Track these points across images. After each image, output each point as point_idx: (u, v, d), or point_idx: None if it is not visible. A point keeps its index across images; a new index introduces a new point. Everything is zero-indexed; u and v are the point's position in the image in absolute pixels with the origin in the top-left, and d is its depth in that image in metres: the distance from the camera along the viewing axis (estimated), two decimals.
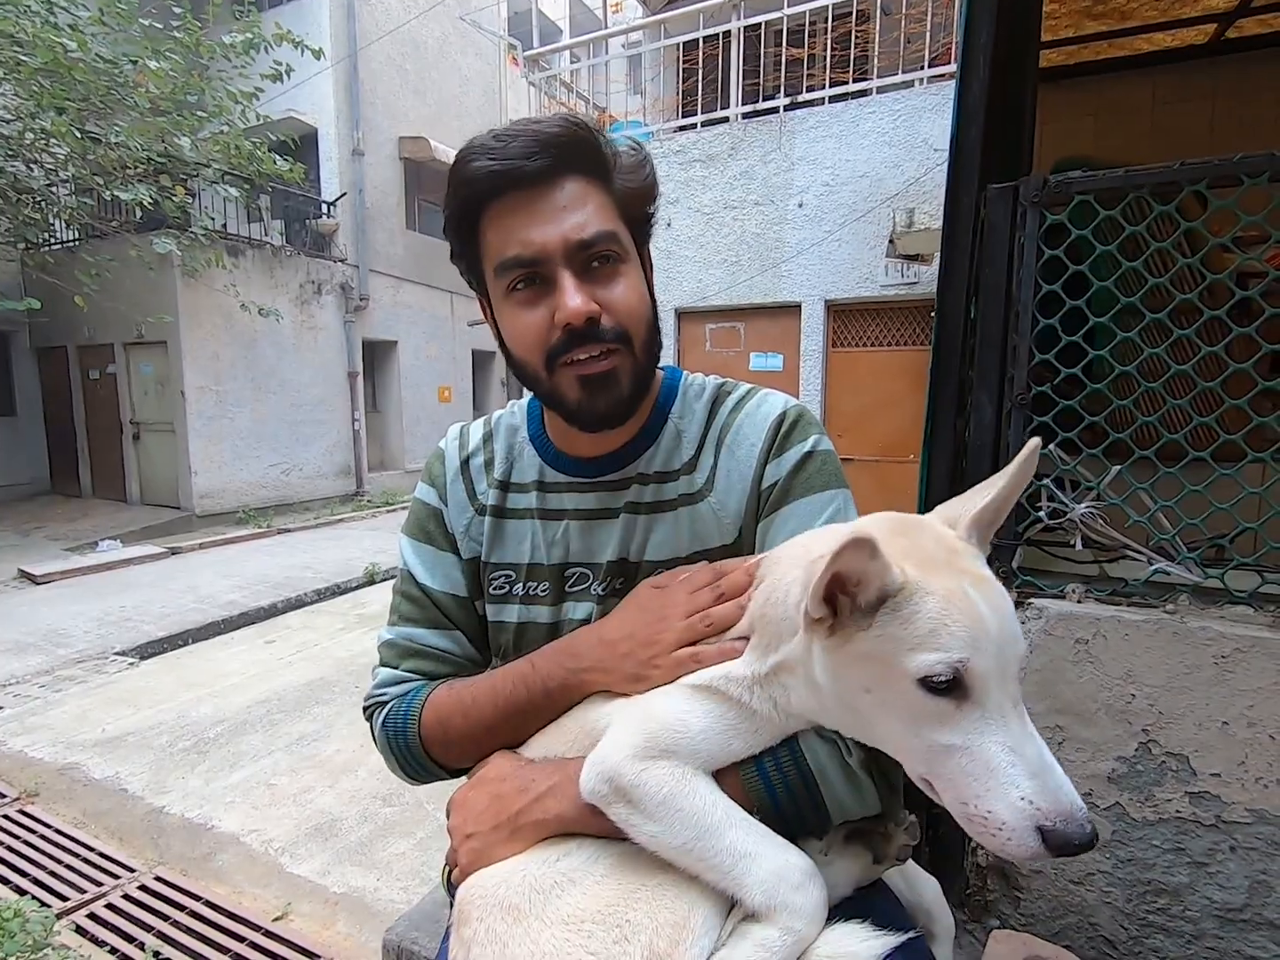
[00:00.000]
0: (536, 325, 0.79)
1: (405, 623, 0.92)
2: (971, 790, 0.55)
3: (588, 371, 0.79)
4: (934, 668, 0.54)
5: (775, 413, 0.86)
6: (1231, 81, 3.04)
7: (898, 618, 0.56)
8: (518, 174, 0.76)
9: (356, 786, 3.16)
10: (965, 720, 0.56)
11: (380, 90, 10.96)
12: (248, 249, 9.33)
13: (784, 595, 0.68)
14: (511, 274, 0.79)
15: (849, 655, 0.59)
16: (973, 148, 1.22)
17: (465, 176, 0.77)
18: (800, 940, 0.63)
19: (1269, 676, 1.13)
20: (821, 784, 0.69)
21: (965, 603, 0.56)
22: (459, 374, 13.02)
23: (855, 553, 0.53)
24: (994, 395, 1.29)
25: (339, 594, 6.38)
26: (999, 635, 0.56)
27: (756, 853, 0.65)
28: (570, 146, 0.77)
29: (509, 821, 0.75)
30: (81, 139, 6.58)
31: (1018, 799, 0.53)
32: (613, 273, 0.80)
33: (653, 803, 0.66)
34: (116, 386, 9.54)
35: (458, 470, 0.94)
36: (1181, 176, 1.10)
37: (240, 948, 2.17)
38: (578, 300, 0.76)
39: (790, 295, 6.52)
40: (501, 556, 0.91)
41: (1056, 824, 0.52)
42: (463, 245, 0.83)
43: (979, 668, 0.55)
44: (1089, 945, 1.32)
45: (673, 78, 7.73)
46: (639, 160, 0.84)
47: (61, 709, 3.94)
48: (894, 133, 5.93)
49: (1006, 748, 0.55)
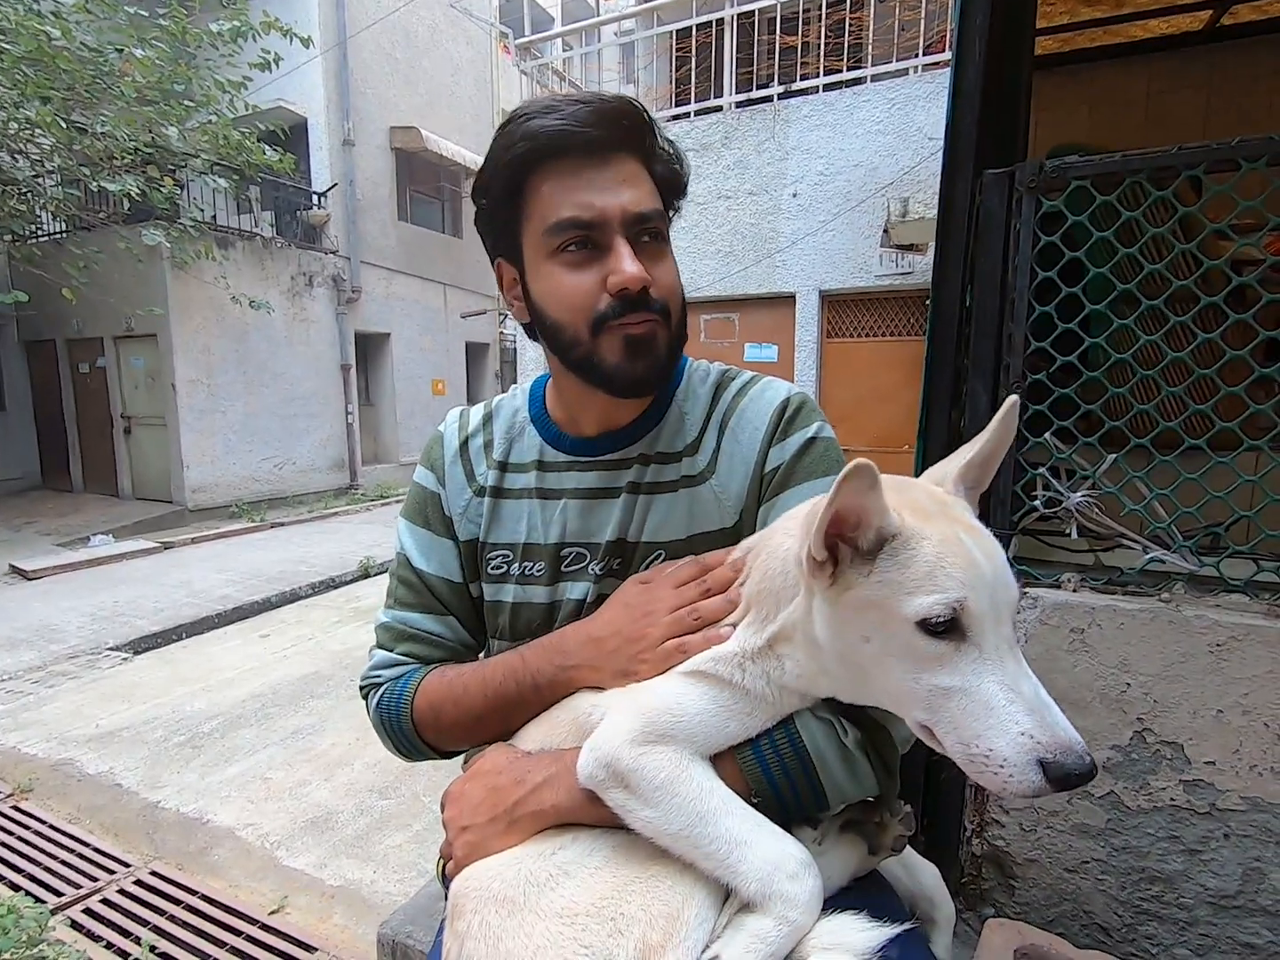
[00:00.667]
0: (586, 287, 0.79)
1: (400, 606, 0.93)
2: (972, 730, 0.56)
3: (634, 332, 0.80)
4: (932, 609, 0.56)
5: (779, 399, 0.87)
6: (1227, 69, 3.02)
7: (896, 562, 0.58)
8: (582, 138, 0.77)
9: (352, 779, 3.16)
10: (963, 661, 0.57)
11: (370, 79, 10.84)
12: (238, 241, 9.24)
13: (781, 560, 0.69)
14: (566, 234, 0.79)
15: (849, 604, 0.60)
16: (968, 132, 1.20)
17: (525, 133, 0.78)
18: (796, 930, 0.63)
19: (1264, 664, 1.14)
20: (818, 764, 0.69)
21: (959, 547, 0.57)
22: (453, 367, 12.95)
23: (857, 480, 0.54)
24: (989, 384, 1.29)
25: (333, 588, 6.36)
26: (992, 578, 0.58)
27: (752, 840, 0.65)
28: (631, 125, 0.79)
29: (506, 813, 0.75)
30: (67, 129, 6.49)
31: (1018, 734, 0.54)
32: (659, 251, 0.83)
33: (649, 788, 0.66)
34: (107, 380, 9.46)
35: (456, 452, 0.95)
36: (1179, 161, 1.09)
37: (237, 941, 2.17)
38: (635, 268, 0.77)
39: (785, 286, 6.50)
40: (499, 537, 0.92)
41: (1056, 756, 0.53)
42: (500, 204, 0.83)
43: (975, 609, 0.56)
44: (1083, 933, 1.32)
45: (666, 66, 7.68)
46: (677, 153, 0.88)
47: (55, 705, 3.92)
48: (888, 121, 5.90)
49: (1004, 686, 0.56)
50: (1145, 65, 3.15)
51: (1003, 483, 1.30)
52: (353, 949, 2.15)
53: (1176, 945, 1.26)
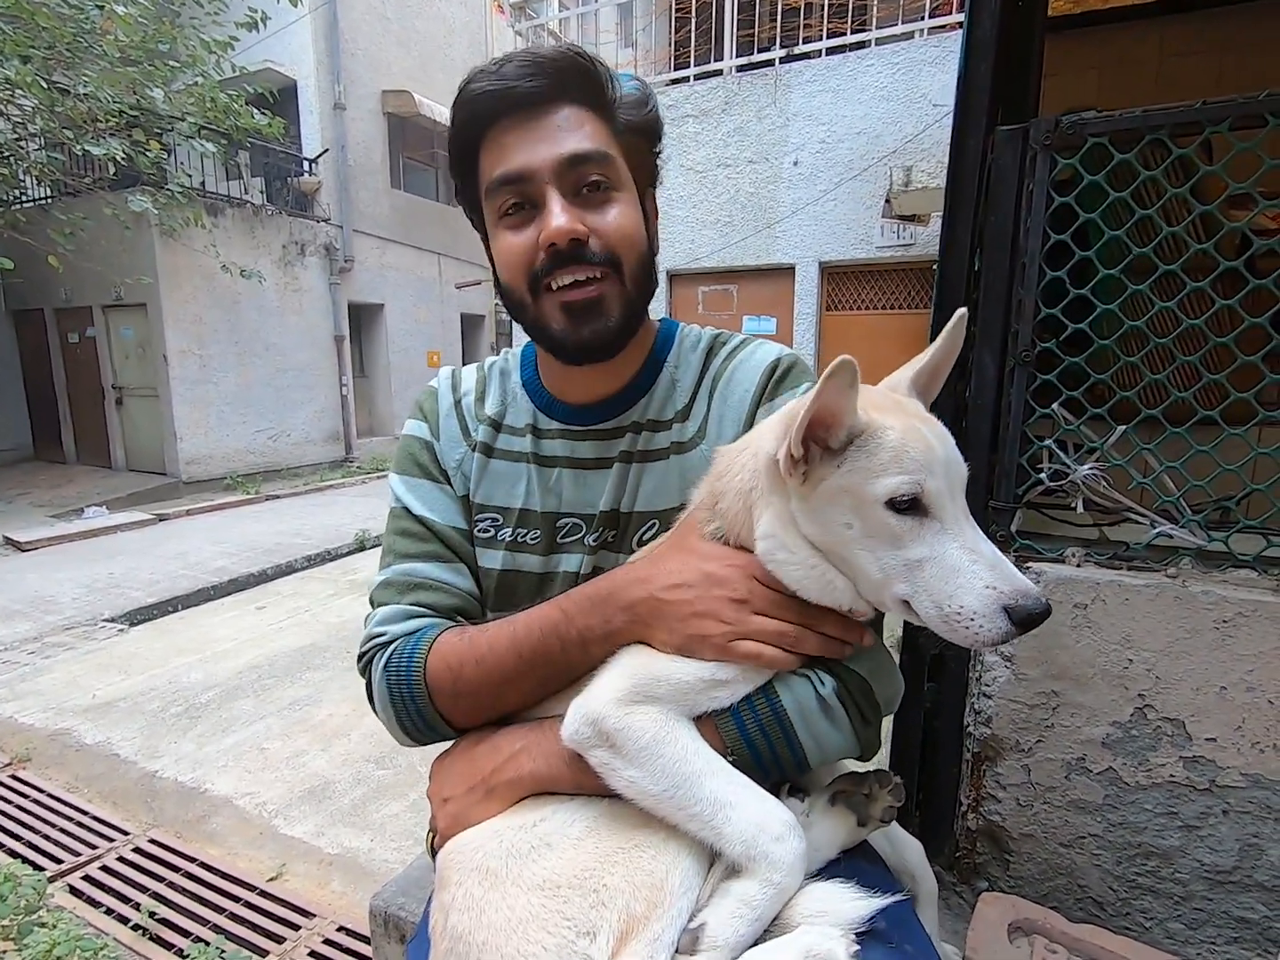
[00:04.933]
0: (522, 247, 0.77)
1: (403, 559, 0.85)
2: (944, 592, 0.62)
3: (572, 298, 0.77)
4: (899, 488, 0.62)
5: (769, 359, 0.85)
6: (1240, 33, 2.93)
7: (864, 452, 0.64)
8: (514, 95, 0.74)
9: (349, 750, 3.17)
10: (929, 534, 0.63)
11: (361, 40, 10.53)
12: (227, 208, 9.05)
13: (742, 479, 0.72)
14: (500, 195, 0.77)
15: (823, 495, 0.66)
16: (982, 85, 1.14)
17: (463, 99, 0.77)
18: (781, 892, 0.63)
19: (1270, 641, 1.12)
20: (794, 716, 0.69)
21: (917, 434, 0.64)
22: (448, 338, 12.80)
23: (839, 379, 0.60)
24: (997, 352, 1.25)
25: (329, 560, 6.35)
26: (945, 458, 0.65)
27: (736, 802, 0.65)
28: (568, 71, 0.75)
29: (483, 783, 0.74)
30: (48, 90, 6.30)
31: (983, 588, 0.61)
32: (605, 199, 0.78)
33: (635, 747, 0.66)
34: (97, 350, 9.34)
35: (451, 406, 0.92)
36: (1204, 116, 1.03)
37: (235, 907, 2.18)
38: (563, 219, 0.74)
39: (784, 257, 6.40)
40: (488, 498, 0.89)
41: (1018, 600, 0.60)
42: (463, 178, 0.82)
43: (933, 487, 0.63)
44: (1077, 907, 1.33)
45: (665, 28, 7.46)
46: (641, 97, 0.82)
47: (51, 675, 3.92)
48: (892, 87, 5.76)
49: (966, 549, 0.63)
50: (1157, 28, 3.06)
51: (1008, 455, 1.27)
52: (350, 915, 2.17)
53: (1170, 919, 1.26)
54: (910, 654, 1.43)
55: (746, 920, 0.61)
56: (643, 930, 0.60)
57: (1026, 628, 0.61)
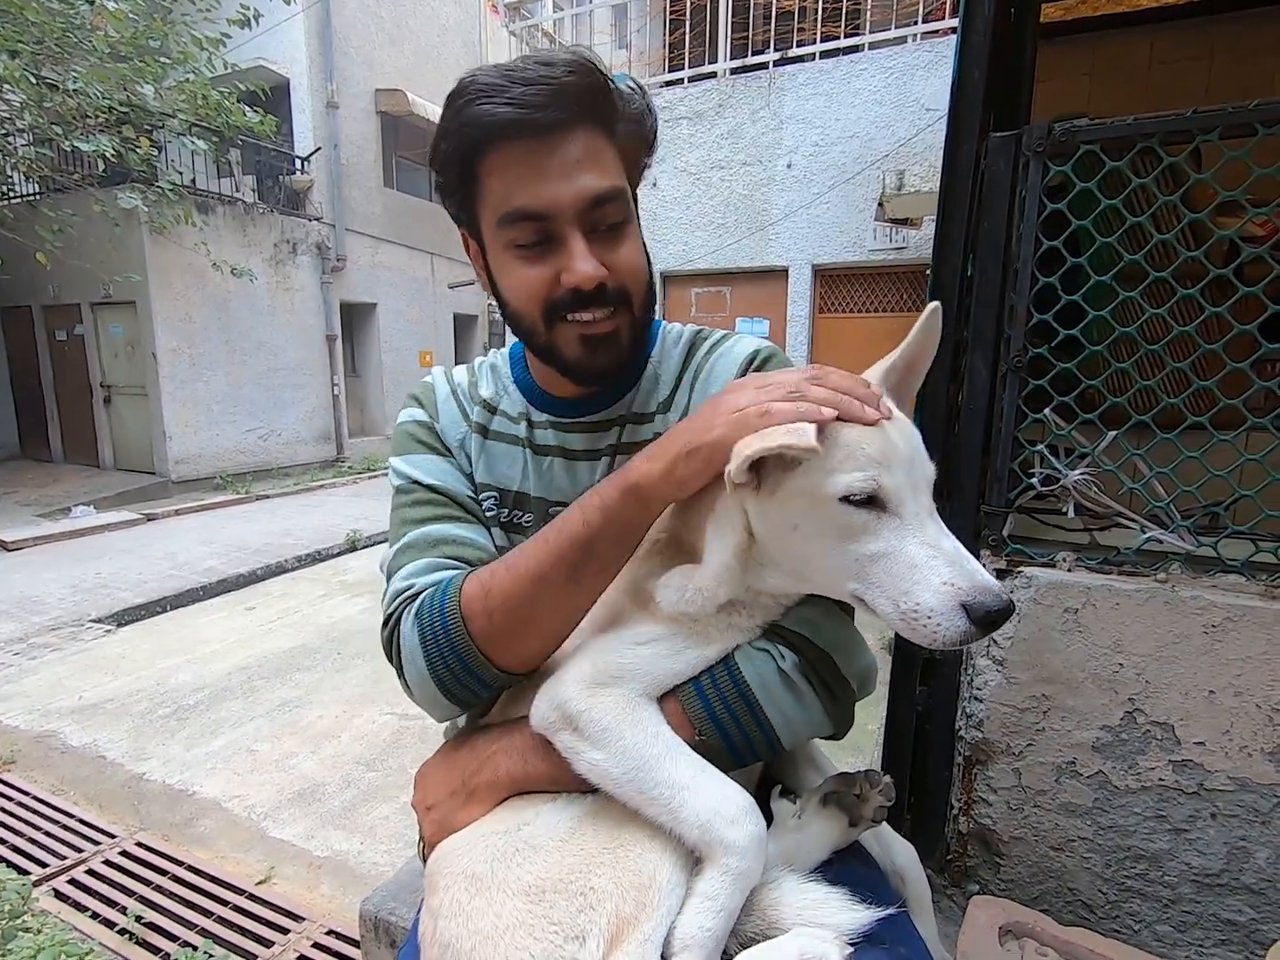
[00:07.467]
0: (540, 280, 0.77)
1: (419, 525, 0.82)
2: (900, 587, 0.60)
3: (592, 332, 0.79)
4: (851, 486, 0.60)
5: (748, 351, 0.87)
6: (1229, 40, 2.96)
7: None
8: (531, 124, 0.72)
9: (339, 752, 3.15)
10: (885, 529, 0.62)
11: (354, 39, 10.49)
12: (218, 205, 8.98)
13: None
14: (516, 228, 0.76)
15: (779, 499, 0.64)
16: (975, 91, 1.15)
17: (471, 118, 0.72)
18: (741, 878, 0.62)
19: (1258, 646, 1.13)
20: (758, 691, 0.69)
21: (875, 431, 0.63)
22: (440, 338, 12.75)
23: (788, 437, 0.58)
24: (989, 357, 1.25)
25: (319, 561, 6.32)
26: (906, 454, 0.63)
27: (693, 785, 0.65)
28: (584, 96, 0.74)
29: (463, 786, 0.75)
30: (37, 85, 6.24)
31: (940, 584, 0.59)
32: (618, 235, 0.79)
33: (597, 729, 0.66)
34: (85, 348, 9.25)
35: (449, 393, 0.93)
36: (1194, 125, 1.05)
37: (224, 911, 2.17)
38: (589, 265, 0.75)
39: (777, 259, 6.42)
40: (488, 477, 0.90)
41: (976, 597, 0.58)
42: (456, 184, 0.80)
43: (891, 482, 0.61)
44: (1067, 909, 1.33)
45: (659, 30, 7.47)
46: (642, 109, 0.81)
47: (36, 676, 3.88)
48: (885, 91, 5.79)
49: (925, 545, 0.61)
50: (1148, 36, 3.08)
51: (1000, 460, 1.27)
52: (340, 918, 2.16)
53: (1159, 922, 1.27)
54: (901, 658, 1.43)
55: (710, 913, 0.60)
56: (633, 931, 0.59)
57: (986, 627, 0.58)
